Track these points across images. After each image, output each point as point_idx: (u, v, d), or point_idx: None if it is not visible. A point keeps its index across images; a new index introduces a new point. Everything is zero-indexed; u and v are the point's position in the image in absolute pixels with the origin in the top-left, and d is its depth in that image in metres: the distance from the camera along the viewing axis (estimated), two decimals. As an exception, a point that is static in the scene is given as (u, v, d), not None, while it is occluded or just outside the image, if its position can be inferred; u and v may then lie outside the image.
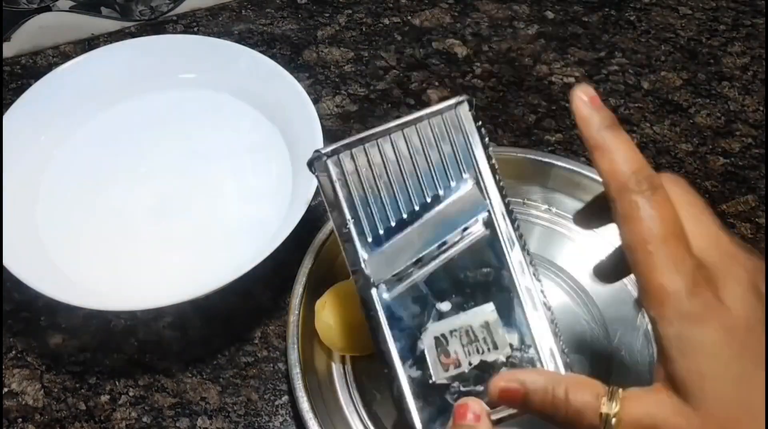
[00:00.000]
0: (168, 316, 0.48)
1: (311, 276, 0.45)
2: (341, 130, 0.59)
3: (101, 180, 0.51)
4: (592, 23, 0.68)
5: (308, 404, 0.41)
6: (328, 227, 0.47)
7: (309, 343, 0.44)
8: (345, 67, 0.63)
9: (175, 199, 0.50)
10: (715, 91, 0.63)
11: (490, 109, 0.60)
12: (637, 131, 0.60)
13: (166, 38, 0.56)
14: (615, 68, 0.64)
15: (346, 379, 0.45)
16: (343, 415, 0.43)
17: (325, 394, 0.43)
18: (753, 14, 0.69)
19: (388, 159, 0.35)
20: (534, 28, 0.67)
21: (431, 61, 0.64)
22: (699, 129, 0.60)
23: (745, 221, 0.55)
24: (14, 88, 0.60)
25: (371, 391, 0.44)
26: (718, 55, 0.66)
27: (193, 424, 0.44)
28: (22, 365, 0.46)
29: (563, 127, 0.59)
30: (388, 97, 0.61)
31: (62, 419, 0.44)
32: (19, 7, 0.60)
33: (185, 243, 0.48)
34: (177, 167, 0.52)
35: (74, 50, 0.63)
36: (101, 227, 0.49)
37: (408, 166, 0.35)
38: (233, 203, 0.50)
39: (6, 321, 0.48)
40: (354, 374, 0.45)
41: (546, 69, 0.64)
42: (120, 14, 0.65)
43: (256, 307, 0.49)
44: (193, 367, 0.46)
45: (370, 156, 0.35)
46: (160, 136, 0.53)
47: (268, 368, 0.46)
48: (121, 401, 0.45)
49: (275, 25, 0.66)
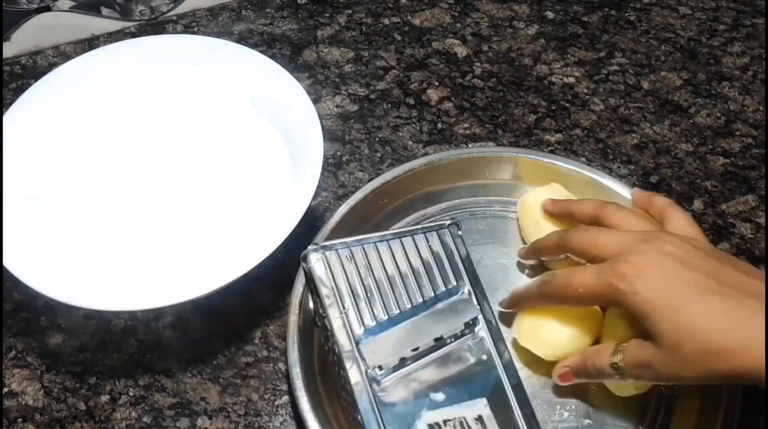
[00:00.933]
0: (168, 316, 0.48)
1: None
2: (341, 130, 0.59)
3: (101, 180, 0.51)
4: (592, 23, 0.68)
5: (308, 404, 0.41)
6: (330, 226, 0.47)
7: (309, 342, 0.44)
8: (345, 67, 0.63)
9: (174, 199, 0.50)
10: (715, 91, 0.63)
11: (490, 109, 0.60)
12: (637, 131, 0.60)
13: (166, 38, 0.56)
14: (615, 68, 0.64)
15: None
16: (343, 414, 0.43)
17: (325, 394, 0.43)
18: (753, 14, 0.69)
19: (384, 259, 0.38)
20: (534, 28, 0.67)
21: (431, 61, 0.64)
22: (699, 129, 0.60)
23: (745, 221, 0.55)
24: (14, 88, 0.60)
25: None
26: (718, 55, 0.66)
27: (193, 424, 0.44)
28: (22, 365, 0.46)
29: (563, 127, 0.59)
30: (388, 97, 0.61)
31: (62, 419, 0.44)
32: (19, 7, 0.60)
33: (185, 243, 0.48)
34: (177, 167, 0.52)
35: (74, 50, 0.63)
36: (101, 227, 0.49)
37: (404, 268, 0.39)
38: (233, 203, 0.50)
39: (6, 321, 0.48)
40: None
41: (546, 69, 0.64)
42: (120, 14, 0.65)
43: (256, 307, 0.49)
44: (193, 367, 0.46)
45: (367, 255, 0.38)
46: (159, 137, 0.53)
47: (268, 368, 0.46)
48: (121, 401, 0.45)
49: (275, 25, 0.66)
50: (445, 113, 0.60)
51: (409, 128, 0.59)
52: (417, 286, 0.39)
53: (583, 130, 0.59)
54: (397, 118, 0.60)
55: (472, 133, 0.59)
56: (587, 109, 0.61)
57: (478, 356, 0.38)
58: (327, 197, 0.55)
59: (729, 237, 0.54)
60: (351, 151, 0.57)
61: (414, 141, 0.58)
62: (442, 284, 0.39)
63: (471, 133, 0.59)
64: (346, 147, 0.58)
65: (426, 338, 0.37)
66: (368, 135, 0.58)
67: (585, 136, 0.59)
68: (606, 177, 0.51)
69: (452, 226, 0.41)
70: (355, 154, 0.57)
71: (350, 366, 0.36)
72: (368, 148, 0.58)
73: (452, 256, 0.40)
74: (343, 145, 0.58)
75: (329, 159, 0.57)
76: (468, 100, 0.61)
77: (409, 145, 0.58)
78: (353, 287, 0.37)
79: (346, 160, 0.57)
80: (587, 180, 0.51)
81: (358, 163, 0.57)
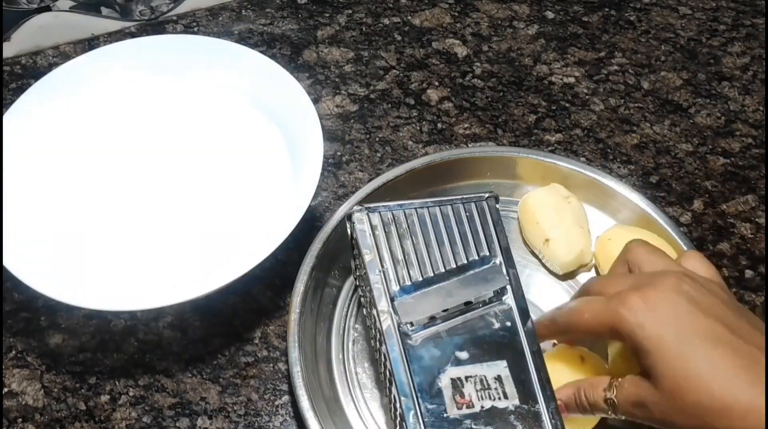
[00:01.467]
0: (168, 316, 0.48)
1: (312, 274, 0.46)
2: (341, 130, 0.59)
3: (101, 180, 0.51)
4: (592, 23, 0.68)
5: (309, 403, 0.41)
6: (330, 226, 0.47)
7: (309, 342, 0.45)
8: (345, 67, 0.63)
9: (175, 199, 0.50)
10: (715, 91, 0.63)
11: (490, 109, 0.60)
12: (637, 131, 0.60)
13: (166, 38, 0.56)
14: (615, 68, 0.64)
15: (346, 377, 0.45)
16: (343, 414, 0.43)
17: (325, 394, 0.43)
18: (753, 14, 0.69)
19: (422, 224, 0.40)
20: (534, 28, 0.67)
21: (431, 61, 0.64)
22: (699, 129, 0.60)
23: (745, 221, 0.55)
24: (14, 88, 0.60)
25: (372, 390, 0.45)
26: (718, 55, 0.66)
27: (193, 424, 0.44)
28: (22, 365, 0.46)
29: (563, 127, 0.59)
30: (388, 97, 0.61)
31: (62, 419, 0.44)
32: (19, 7, 0.60)
33: (185, 243, 0.48)
34: (177, 167, 0.52)
35: (74, 50, 0.63)
36: (101, 227, 0.49)
37: (441, 234, 0.41)
38: (233, 203, 0.50)
39: (6, 321, 0.48)
40: (355, 372, 0.45)
41: (546, 69, 0.64)
42: (120, 14, 0.65)
43: (256, 307, 0.49)
44: (193, 367, 0.46)
45: (407, 219, 0.40)
46: (160, 137, 0.53)
47: (268, 368, 0.46)
48: (121, 401, 0.45)
49: (275, 25, 0.66)
50: (445, 113, 0.60)
51: (409, 128, 0.59)
52: (452, 252, 0.40)
53: (583, 130, 0.59)
54: (397, 118, 0.60)
55: (472, 133, 0.59)
56: (587, 109, 0.61)
57: (503, 323, 0.40)
58: (327, 197, 0.54)
59: (729, 237, 0.54)
60: (351, 151, 0.57)
61: (414, 141, 0.58)
62: (475, 252, 0.41)
63: (471, 133, 0.59)
64: (346, 147, 0.58)
65: (456, 301, 0.39)
66: (368, 135, 0.58)
67: (585, 136, 0.59)
68: (607, 177, 0.51)
69: (490, 199, 0.42)
70: (355, 154, 0.57)
71: (384, 319, 0.38)
72: (368, 148, 0.58)
73: (487, 226, 0.41)
74: (343, 145, 0.58)
75: (329, 159, 0.57)
76: (468, 100, 0.61)
77: (409, 145, 0.58)
78: (392, 248, 0.39)
79: (346, 160, 0.57)
80: (588, 180, 0.51)
81: (358, 163, 0.57)
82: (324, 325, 0.47)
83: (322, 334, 0.46)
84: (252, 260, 0.43)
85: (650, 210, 0.49)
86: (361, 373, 0.45)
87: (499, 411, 0.37)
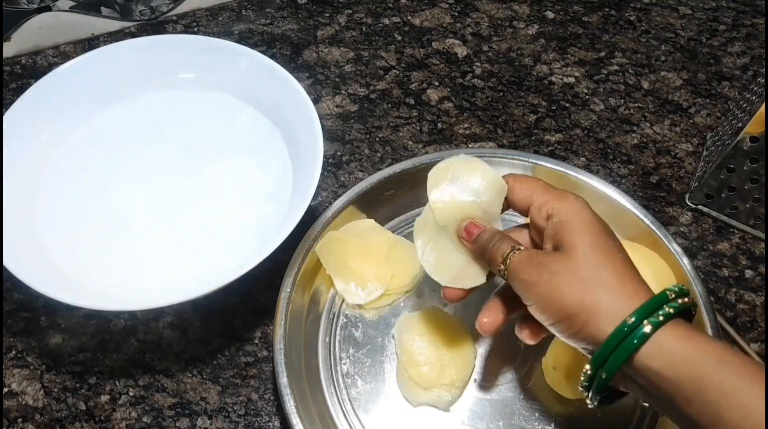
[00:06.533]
0: (168, 316, 0.48)
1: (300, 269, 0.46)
2: (341, 130, 0.59)
3: (101, 180, 0.51)
4: (592, 23, 0.68)
5: (286, 379, 0.42)
6: (320, 223, 0.48)
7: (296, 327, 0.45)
8: (345, 67, 0.63)
9: (175, 199, 0.50)
10: (715, 91, 0.63)
11: (490, 109, 0.60)
12: (637, 131, 0.60)
13: (166, 38, 0.56)
14: (615, 68, 0.64)
15: (330, 362, 0.45)
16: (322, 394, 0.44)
17: (306, 373, 0.44)
18: (753, 14, 0.69)
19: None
20: (534, 28, 0.67)
21: (431, 61, 0.64)
22: (699, 129, 0.60)
23: (745, 221, 0.55)
24: (14, 88, 0.60)
25: (353, 377, 0.45)
26: (718, 55, 0.66)
27: (193, 424, 0.44)
28: (22, 365, 0.46)
29: (563, 127, 0.59)
30: (388, 97, 0.61)
31: (62, 419, 0.44)
32: (19, 7, 0.60)
33: (185, 243, 0.48)
34: (177, 167, 0.52)
35: (74, 50, 0.63)
36: (101, 227, 0.49)
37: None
38: (233, 203, 0.50)
39: (6, 321, 0.48)
40: (339, 358, 0.45)
41: (546, 69, 0.64)
42: (120, 14, 0.65)
43: (256, 307, 0.49)
44: (193, 367, 0.46)
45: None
46: (160, 136, 0.53)
47: (268, 368, 0.46)
48: (121, 401, 0.45)
49: (275, 25, 0.66)
50: (445, 113, 0.60)
51: (409, 128, 0.59)
52: None
53: (583, 130, 0.59)
54: (397, 118, 0.60)
55: (472, 133, 0.59)
56: (587, 109, 0.61)
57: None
58: (327, 197, 0.55)
59: (729, 237, 0.54)
60: (351, 150, 0.57)
61: (414, 141, 0.58)
62: None
63: (471, 133, 0.59)
64: (346, 147, 0.58)
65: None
66: (368, 135, 0.58)
67: (585, 136, 0.59)
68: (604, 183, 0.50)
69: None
70: (355, 153, 0.57)
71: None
72: (368, 148, 0.58)
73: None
74: (343, 144, 0.58)
75: (329, 159, 0.57)
76: (468, 100, 0.61)
77: (409, 144, 0.58)
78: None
79: (346, 160, 0.57)
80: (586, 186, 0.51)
81: (358, 162, 0.57)
82: (314, 309, 0.47)
83: (311, 317, 0.47)
84: (252, 260, 0.43)
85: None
86: (345, 359, 0.46)
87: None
